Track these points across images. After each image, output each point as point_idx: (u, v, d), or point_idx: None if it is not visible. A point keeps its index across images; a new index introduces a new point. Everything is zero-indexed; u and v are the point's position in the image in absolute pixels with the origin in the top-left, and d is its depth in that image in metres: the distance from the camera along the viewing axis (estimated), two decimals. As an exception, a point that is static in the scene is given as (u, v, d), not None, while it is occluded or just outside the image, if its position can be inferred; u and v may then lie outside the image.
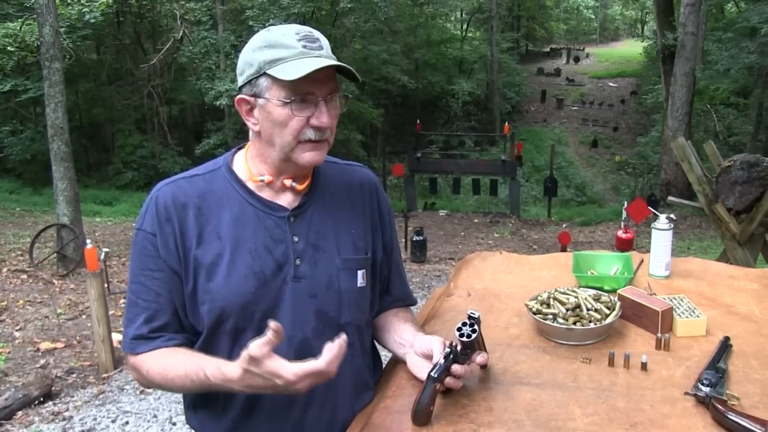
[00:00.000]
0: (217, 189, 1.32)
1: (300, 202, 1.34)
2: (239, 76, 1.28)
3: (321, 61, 1.20)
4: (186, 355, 1.27)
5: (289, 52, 1.21)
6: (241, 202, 1.31)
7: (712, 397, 1.20)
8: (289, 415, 1.30)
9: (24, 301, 6.68)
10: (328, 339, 1.29)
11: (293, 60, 1.20)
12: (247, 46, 1.26)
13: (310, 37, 1.24)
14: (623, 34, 46.36)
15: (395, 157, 16.79)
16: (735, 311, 1.65)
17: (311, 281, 1.30)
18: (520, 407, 1.25)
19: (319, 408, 1.32)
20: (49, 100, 7.61)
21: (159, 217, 1.28)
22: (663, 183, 14.20)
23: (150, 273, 1.29)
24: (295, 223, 1.32)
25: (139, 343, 1.30)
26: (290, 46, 1.21)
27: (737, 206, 4.73)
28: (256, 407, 1.30)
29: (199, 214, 1.29)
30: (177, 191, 1.30)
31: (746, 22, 14.51)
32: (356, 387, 1.39)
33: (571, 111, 26.88)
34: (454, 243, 10.29)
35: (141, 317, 1.29)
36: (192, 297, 1.29)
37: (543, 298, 1.59)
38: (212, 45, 14.48)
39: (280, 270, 1.28)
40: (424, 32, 23.98)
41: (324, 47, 1.24)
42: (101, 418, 4.16)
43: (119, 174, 16.56)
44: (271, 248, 1.29)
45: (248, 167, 1.34)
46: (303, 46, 1.22)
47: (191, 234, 1.28)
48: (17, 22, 12.50)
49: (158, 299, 1.29)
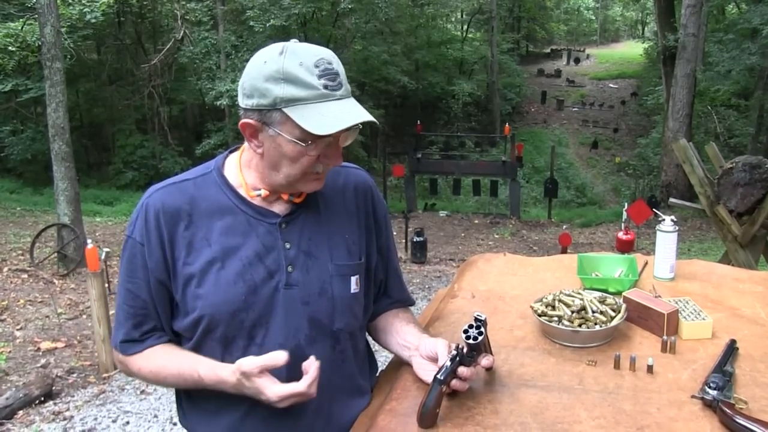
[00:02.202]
0: (208, 195, 1.30)
1: (292, 209, 1.32)
2: (246, 98, 1.19)
3: (347, 114, 1.15)
4: (179, 355, 1.29)
5: (309, 93, 1.14)
6: (233, 208, 1.29)
7: (719, 400, 1.19)
8: (283, 422, 1.29)
9: (25, 300, 6.68)
10: (322, 346, 1.29)
11: (315, 103, 1.14)
12: (258, 68, 1.17)
13: (330, 72, 1.16)
14: (624, 36, 46.32)
15: (395, 158, 16.78)
16: (741, 314, 1.64)
17: (303, 288, 1.29)
18: (525, 410, 1.24)
19: (314, 414, 1.32)
20: (50, 100, 7.60)
21: (148, 225, 1.27)
22: (663, 184, 14.20)
23: (137, 281, 1.29)
24: (287, 230, 1.30)
25: (129, 346, 1.33)
26: (310, 86, 1.14)
27: (739, 208, 4.73)
28: (250, 414, 1.29)
29: (190, 221, 1.28)
30: (167, 198, 1.29)
31: (747, 24, 14.51)
32: (349, 393, 1.38)
33: (571, 112, 26.88)
34: (454, 244, 10.29)
35: (130, 322, 1.31)
36: (182, 305, 1.29)
37: (548, 300, 1.59)
38: (213, 45, 14.48)
39: (271, 277, 1.27)
40: (425, 33, 23.99)
41: (343, 83, 1.18)
42: (102, 418, 4.16)
43: (120, 174, 16.58)
44: (263, 255, 1.27)
45: (242, 176, 1.31)
46: (324, 86, 1.15)
47: (181, 242, 1.27)
48: (18, 22, 12.51)
49: (145, 305, 1.30)
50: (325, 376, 1.24)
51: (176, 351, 1.31)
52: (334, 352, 1.33)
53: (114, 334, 1.35)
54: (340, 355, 1.35)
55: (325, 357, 1.29)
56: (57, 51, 7.58)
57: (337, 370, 1.34)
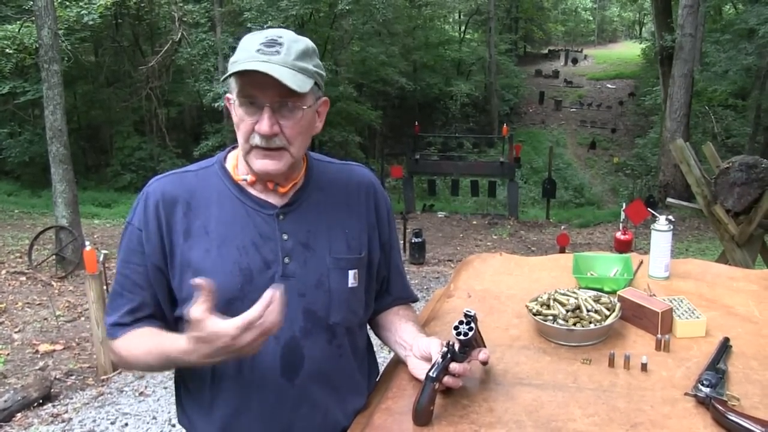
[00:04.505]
0: (209, 185, 1.33)
1: (290, 200, 1.34)
2: None
3: (254, 65, 1.18)
4: (151, 335, 1.29)
5: (243, 55, 1.21)
6: (231, 198, 1.32)
7: (712, 397, 1.21)
8: (278, 416, 1.30)
9: (23, 303, 6.67)
10: (318, 339, 1.30)
11: (242, 63, 1.20)
12: None
13: (272, 41, 1.22)
14: (621, 36, 46.40)
15: (393, 159, 16.81)
16: (735, 312, 1.65)
17: (300, 280, 1.30)
18: (520, 408, 1.25)
19: (310, 409, 1.32)
20: (48, 102, 7.60)
21: (147, 212, 1.29)
22: (661, 184, 14.22)
23: (135, 267, 1.31)
24: (285, 221, 1.32)
25: (117, 329, 1.32)
26: (248, 50, 1.22)
27: (736, 207, 4.74)
28: (246, 408, 1.30)
29: (188, 209, 1.30)
30: (168, 186, 1.32)
31: (744, 24, 14.55)
32: (347, 389, 1.38)
33: (569, 112, 26.91)
34: (452, 244, 10.30)
35: (125, 308, 1.32)
36: (178, 292, 1.30)
37: (543, 299, 1.60)
38: (210, 47, 14.49)
39: (267, 267, 1.28)
40: (423, 34, 23.99)
41: (282, 52, 1.20)
42: (100, 420, 4.16)
43: (118, 176, 16.58)
44: (259, 245, 1.29)
45: (238, 166, 1.35)
46: (257, 50, 1.20)
47: (178, 229, 1.29)
48: (16, 24, 12.50)
49: (142, 293, 1.31)
50: (322, 369, 1.24)
51: (150, 332, 1.30)
52: (330, 347, 1.33)
53: (105, 318, 1.36)
54: (338, 349, 1.35)
55: (322, 351, 1.30)
56: (54, 53, 7.58)
57: (335, 365, 1.35)
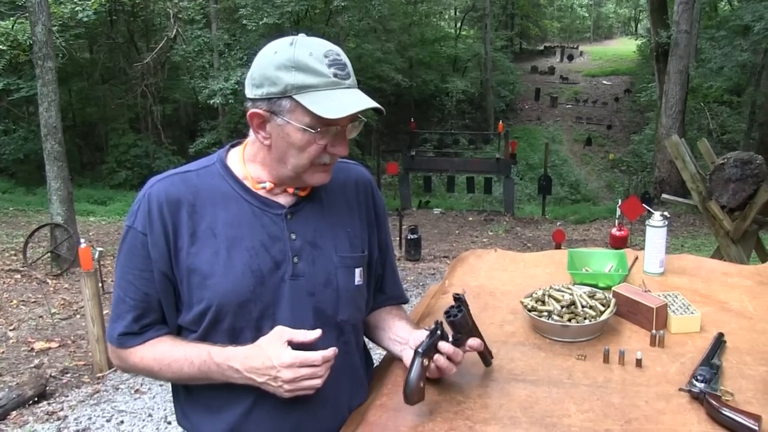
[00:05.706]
0: (212, 185, 1.30)
1: (296, 200, 1.33)
2: (255, 88, 1.22)
3: (356, 101, 1.18)
4: (184, 342, 1.28)
5: (320, 81, 1.17)
6: (237, 198, 1.29)
7: (706, 393, 1.21)
8: (289, 413, 1.29)
9: (18, 300, 6.65)
10: (327, 337, 1.29)
11: (325, 90, 1.17)
12: (268, 58, 1.20)
13: (339, 62, 1.19)
14: (617, 32, 46.47)
15: (389, 156, 16.76)
16: (729, 308, 1.65)
17: (309, 279, 1.29)
18: (515, 404, 1.25)
19: (320, 406, 1.31)
20: (42, 99, 7.56)
21: (151, 215, 1.25)
22: (657, 181, 14.24)
23: (139, 272, 1.27)
24: (293, 221, 1.31)
25: (128, 338, 1.30)
26: (321, 74, 1.17)
27: (731, 204, 4.76)
28: (255, 408, 1.29)
29: (193, 211, 1.26)
30: (170, 188, 1.28)
31: (739, 21, 14.58)
32: (352, 385, 1.39)
33: (565, 109, 26.93)
34: (448, 241, 10.30)
35: (130, 315, 1.28)
36: (187, 296, 1.27)
37: (538, 295, 1.60)
38: (206, 44, 14.45)
39: (277, 268, 1.27)
40: (418, 30, 23.99)
41: (351, 74, 1.21)
42: (96, 418, 4.15)
43: (113, 173, 16.51)
44: (269, 246, 1.27)
45: (246, 169, 1.31)
46: (334, 74, 1.18)
47: (184, 233, 1.26)
48: (9, 20, 12.43)
49: (147, 298, 1.28)
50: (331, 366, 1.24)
51: (179, 340, 1.30)
52: (338, 344, 1.32)
53: (111, 326, 1.32)
54: (344, 346, 1.35)
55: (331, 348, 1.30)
56: (49, 50, 7.54)
57: (342, 361, 1.34)
